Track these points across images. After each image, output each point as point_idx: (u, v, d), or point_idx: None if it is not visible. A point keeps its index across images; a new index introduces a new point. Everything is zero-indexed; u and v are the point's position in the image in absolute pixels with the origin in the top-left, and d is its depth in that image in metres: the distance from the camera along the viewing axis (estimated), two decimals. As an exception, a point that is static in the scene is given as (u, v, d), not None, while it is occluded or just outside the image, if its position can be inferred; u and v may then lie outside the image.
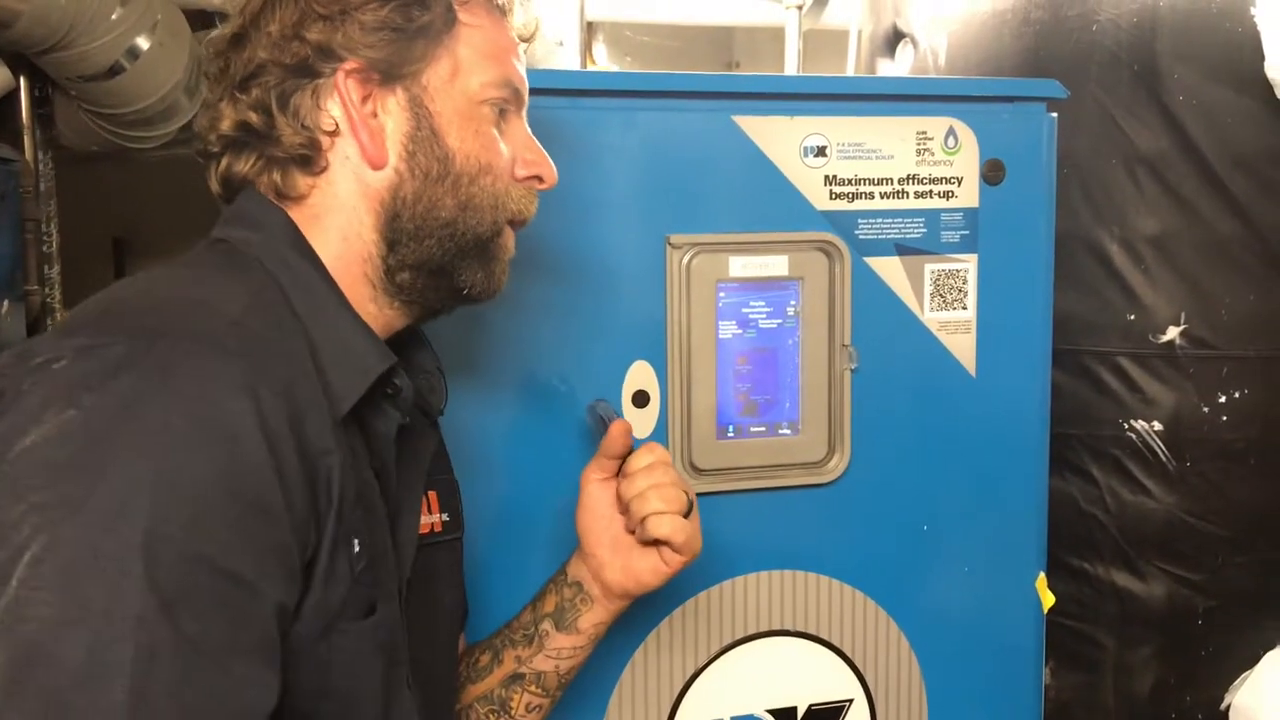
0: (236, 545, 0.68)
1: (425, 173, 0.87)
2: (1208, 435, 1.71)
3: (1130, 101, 1.69)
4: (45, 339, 0.74)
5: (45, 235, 2.44)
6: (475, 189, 0.89)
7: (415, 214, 0.88)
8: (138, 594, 0.63)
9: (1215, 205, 1.69)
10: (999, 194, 1.32)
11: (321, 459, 0.77)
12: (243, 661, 0.67)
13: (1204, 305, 1.70)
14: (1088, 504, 1.77)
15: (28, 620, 0.61)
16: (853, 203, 1.29)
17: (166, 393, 0.69)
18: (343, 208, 0.87)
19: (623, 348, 1.25)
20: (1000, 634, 1.38)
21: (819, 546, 1.32)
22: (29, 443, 0.66)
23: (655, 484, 1.04)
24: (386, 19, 0.85)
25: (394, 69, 0.86)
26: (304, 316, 0.83)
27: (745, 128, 1.26)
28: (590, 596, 1.08)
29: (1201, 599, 1.74)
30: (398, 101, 0.87)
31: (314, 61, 0.85)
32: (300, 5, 0.85)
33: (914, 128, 1.30)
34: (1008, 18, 1.82)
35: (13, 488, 0.65)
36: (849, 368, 1.29)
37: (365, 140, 0.86)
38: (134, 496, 0.65)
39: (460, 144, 0.88)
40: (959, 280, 1.32)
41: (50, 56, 2.10)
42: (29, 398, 0.68)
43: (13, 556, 0.63)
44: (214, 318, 0.77)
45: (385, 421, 0.87)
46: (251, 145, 0.87)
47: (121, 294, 0.82)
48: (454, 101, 0.88)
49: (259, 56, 0.86)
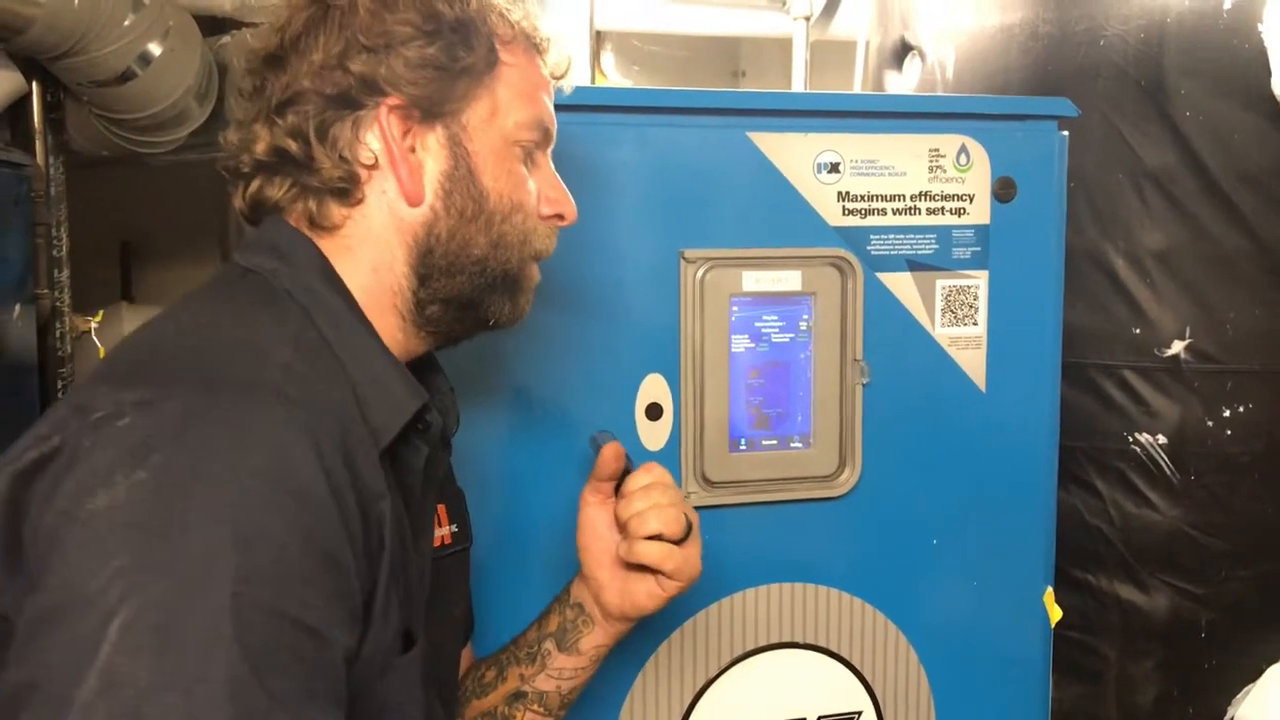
0: (311, 598, 0.69)
1: (460, 211, 0.88)
2: (1212, 449, 1.72)
3: (1137, 116, 1.70)
4: (98, 390, 0.73)
5: (55, 239, 2.44)
6: (507, 227, 0.90)
7: (449, 251, 0.88)
8: (229, 656, 0.63)
9: (1221, 220, 1.70)
10: (1010, 211, 1.34)
11: (375, 503, 0.77)
12: (318, 710, 0.68)
13: (1209, 319, 1.71)
14: (1092, 516, 1.78)
15: (124, 685, 0.61)
16: (865, 219, 1.30)
17: (232, 449, 0.69)
18: (376, 241, 0.87)
19: (636, 361, 1.26)
20: (1008, 647, 1.39)
21: (829, 559, 1.33)
22: (102, 504, 0.66)
23: (654, 505, 1.02)
24: (431, 57, 0.85)
25: (435, 107, 0.86)
26: (340, 354, 0.83)
27: (760, 144, 1.27)
28: (591, 619, 1.08)
29: (1205, 612, 1.75)
30: (437, 139, 0.87)
31: (356, 93, 0.85)
32: (345, 35, 0.85)
33: (926, 145, 1.31)
34: (1015, 32, 1.83)
35: (93, 551, 0.65)
36: (860, 382, 1.30)
37: (404, 176, 0.86)
38: (217, 558, 0.65)
39: (494, 183, 0.89)
40: (970, 296, 1.34)
41: (63, 62, 2.11)
42: (95, 457, 0.68)
43: (104, 621, 0.63)
44: (266, 364, 0.77)
45: (414, 454, 0.88)
46: (286, 171, 0.87)
47: (163, 334, 0.82)
48: (490, 141, 0.89)
49: (300, 84, 0.85)
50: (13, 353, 1.96)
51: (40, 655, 0.64)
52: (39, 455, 0.70)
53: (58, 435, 0.71)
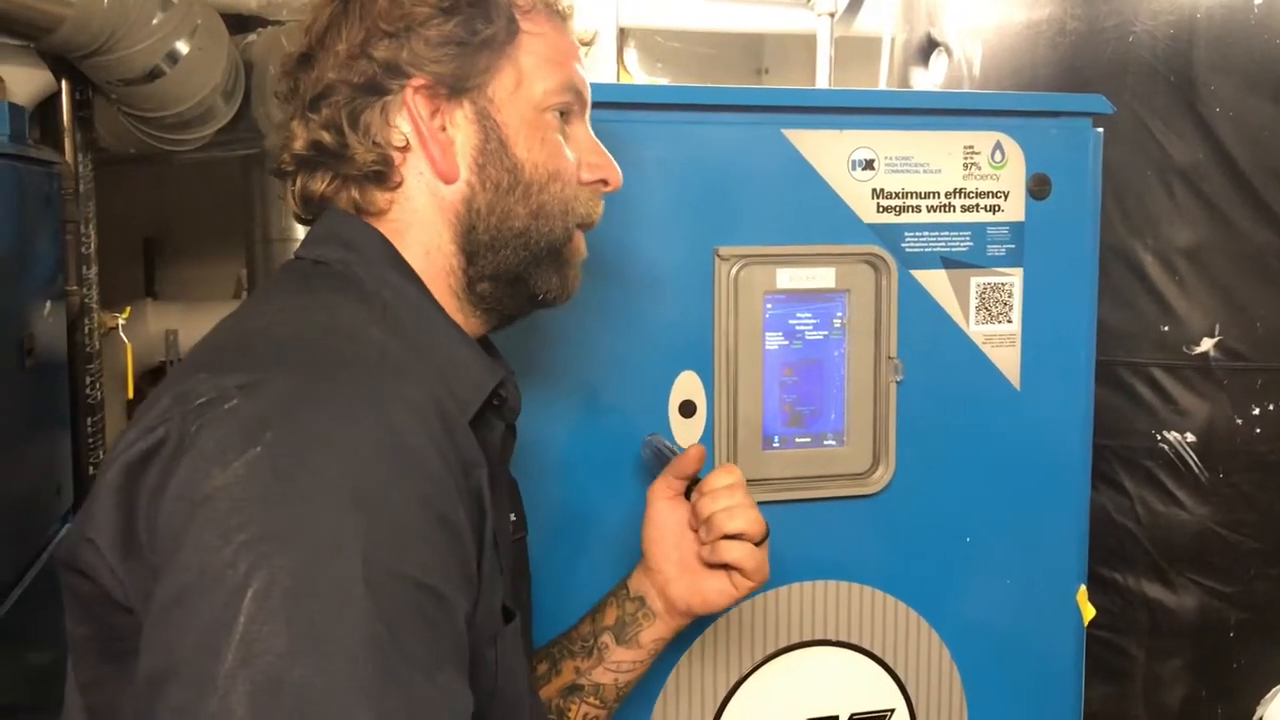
0: (433, 561, 0.69)
1: (496, 184, 0.89)
2: (1241, 447, 1.71)
3: (1166, 112, 1.70)
4: (198, 378, 0.73)
5: (84, 237, 2.46)
6: (546, 196, 0.90)
7: (490, 225, 0.89)
8: (364, 617, 0.63)
9: (1250, 217, 1.69)
10: (1045, 208, 1.33)
11: (474, 471, 0.79)
12: (446, 674, 0.68)
13: (1238, 317, 1.70)
14: (1119, 515, 1.77)
15: (263, 654, 0.61)
16: (900, 216, 1.30)
17: (343, 419, 0.70)
18: (421, 222, 0.89)
19: (670, 358, 1.26)
20: (1041, 646, 1.39)
21: (862, 557, 1.33)
22: (219, 484, 0.66)
23: (738, 504, 1.04)
24: (451, 34, 0.86)
25: (460, 82, 0.87)
26: (418, 334, 0.85)
27: (794, 141, 1.27)
28: (653, 612, 1.09)
29: (1233, 611, 1.74)
30: (465, 115, 0.88)
31: (382, 79, 0.86)
32: (366, 24, 0.87)
33: (961, 142, 1.31)
34: (1043, 28, 1.82)
35: (216, 529, 0.65)
36: (894, 380, 1.30)
37: (436, 155, 0.87)
38: (341, 523, 0.66)
39: (528, 153, 0.89)
40: (1004, 294, 1.33)
41: (92, 61, 2.13)
42: (205, 440, 0.69)
43: (235, 594, 0.63)
44: (361, 343, 0.79)
45: (492, 432, 0.89)
46: (325, 164, 0.89)
47: (252, 325, 0.83)
48: (520, 111, 0.89)
49: (327, 76, 0.87)
50: (44, 349, 1.98)
51: (175, 638, 0.64)
52: (147, 446, 0.71)
53: (163, 425, 0.71)
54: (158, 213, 3.64)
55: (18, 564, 1.88)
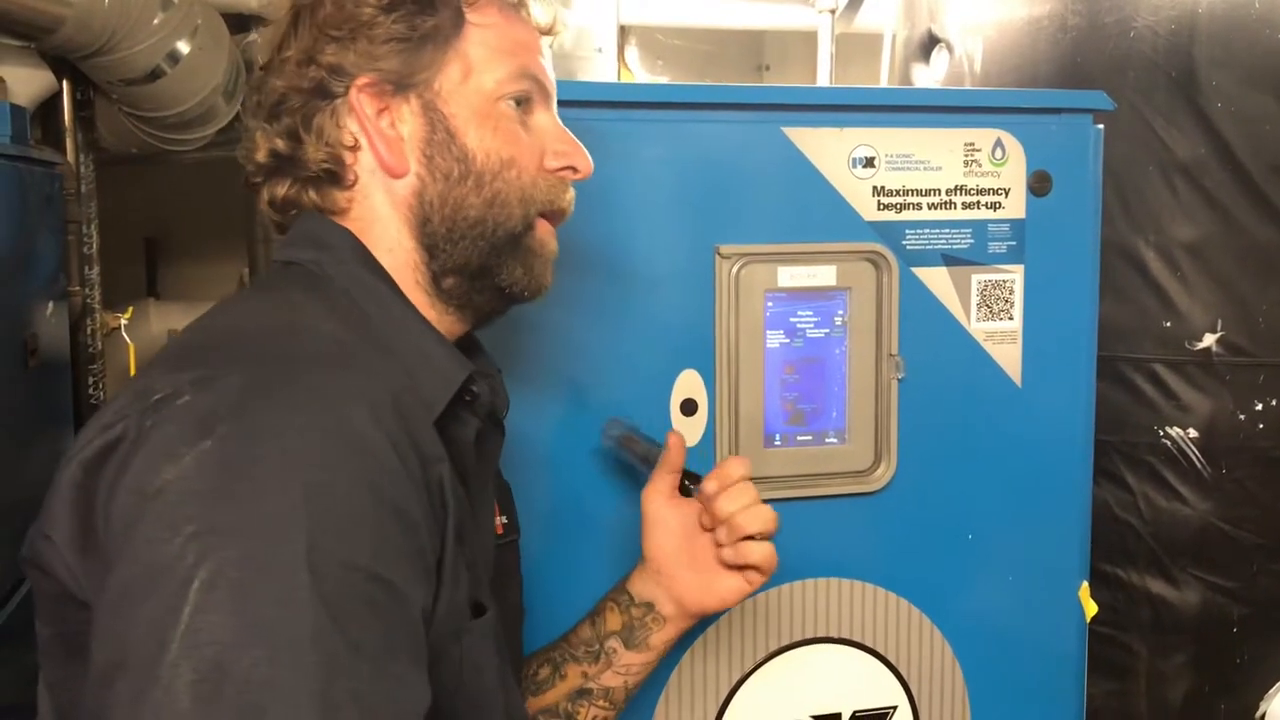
0: (385, 552, 0.70)
1: (446, 174, 0.89)
2: (1243, 443, 1.71)
3: (1167, 108, 1.70)
4: (155, 375, 0.75)
5: (86, 237, 2.46)
6: (500, 184, 0.90)
7: (444, 216, 0.89)
8: (309, 607, 0.64)
9: (1252, 212, 1.69)
10: (1046, 205, 1.33)
11: (434, 465, 0.79)
12: (400, 664, 0.68)
13: (1240, 312, 1.70)
14: (1122, 511, 1.77)
15: (208, 644, 0.62)
16: (900, 213, 1.30)
17: (295, 412, 0.70)
18: (379, 219, 0.90)
19: (671, 356, 1.27)
20: (1043, 642, 1.39)
21: (864, 555, 1.33)
22: (170, 477, 0.67)
23: (753, 502, 1.04)
24: (392, 31, 0.87)
25: (405, 78, 0.88)
26: (386, 330, 0.85)
27: (794, 139, 1.27)
28: (663, 616, 1.09)
29: (1236, 607, 1.74)
30: (411, 109, 0.89)
31: (329, 83, 0.88)
32: (313, 32, 0.88)
33: (962, 139, 1.31)
34: (1044, 24, 1.82)
35: (164, 521, 0.66)
36: (896, 377, 1.30)
37: (383, 150, 0.88)
38: (289, 514, 0.66)
39: (479, 142, 0.89)
40: (1005, 291, 1.33)
41: (93, 61, 2.13)
42: (158, 435, 0.69)
43: (182, 585, 0.63)
44: (316, 338, 0.80)
45: (464, 428, 0.89)
46: (284, 170, 0.90)
47: (214, 325, 0.84)
48: (469, 101, 0.89)
49: (280, 85, 0.89)
50: (46, 350, 1.98)
51: (124, 630, 0.64)
52: (104, 443, 0.72)
53: (120, 422, 0.72)
54: (159, 212, 3.64)
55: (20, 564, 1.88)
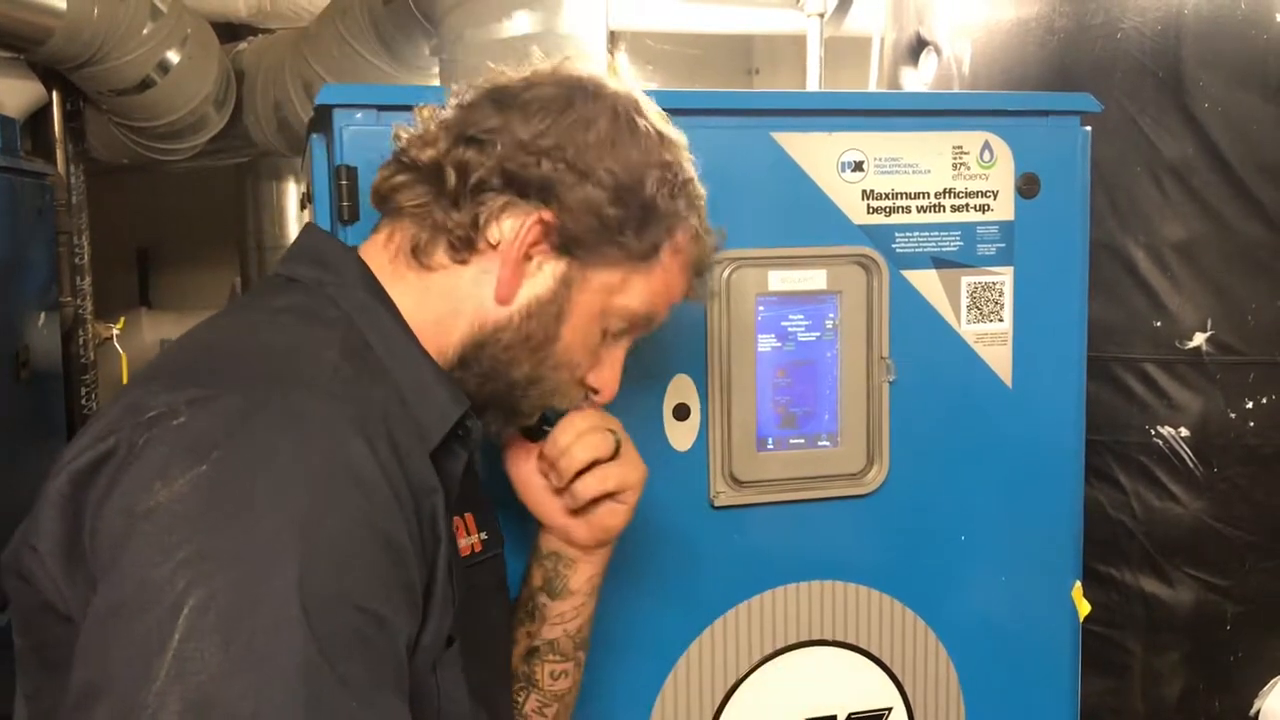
0: (374, 585, 0.70)
1: (529, 335, 0.90)
2: (1234, 441, 1.72)
3: (1155, 109, 1.71)
4: (149, 391, 0.74)
5: (77, 247, 2.46)
6: (549, 372, 0.93)
7: (494, 358, 0.91)
8: (299, 638, 0.64)
9: (1241, 211, 1.70)
10: (1034, 207, 1.34)
11: (428, 497, 0.79)
12: (384, 697, 0.68)
13: (1230, 311, 1.71)
14: (1115, 510, 1.78)
15: (195, 673, 0.62)
16: (890, 217, 1.30)
17: (290, 441, 0.70)
18: (452, 304, 0.90)
19: (663, 361, 1.27)
20: (1037, 642, 1.39)
21: (858, 557, 1.33)
22: (162, 499, 0.67)
23: (576, 434, 1.00)
24: (605, 216, 0.88)
25: (574, 248, 0.89)
26: (385, 359, 0.85)
27: (784, 143, 1.27)
28: (570, 559, 1.08)
29: (1229, 605, 1.75)
30: (554, 270, 0.90)
31: (530, 185, 0.87)
32: (560, 137, 0.87)
33: (950, 142, 1.31)
34: (1032, 26, 1.83)
35: (156, 544, 0.66)
36: (887, 380, 1.31)
37: (507, 275, 0.89)
38: (282, 544, 0.66)
39: (572, 335, 0.91)
40: (995, 293, 1.34)
41: (83, 71, 2.13)
42: (151, 454, 0.69)
43: (171, 611, 0.63)
44: (315, 364, 0.79)
45: (454, 461, 0.89)
46: (431, 187, 0.89)
47: (209, 340, 0.84)
48: (595, 303, 0.91)
49: (498, 138, 0.87)
50: (39, 361, 1.98)
51: (109, 651, 0.64)
52: (95, 456, 0.71)
53: (112, 436, 0.72)
54: (151, 222, 3.64)
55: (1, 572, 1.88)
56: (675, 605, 1.28)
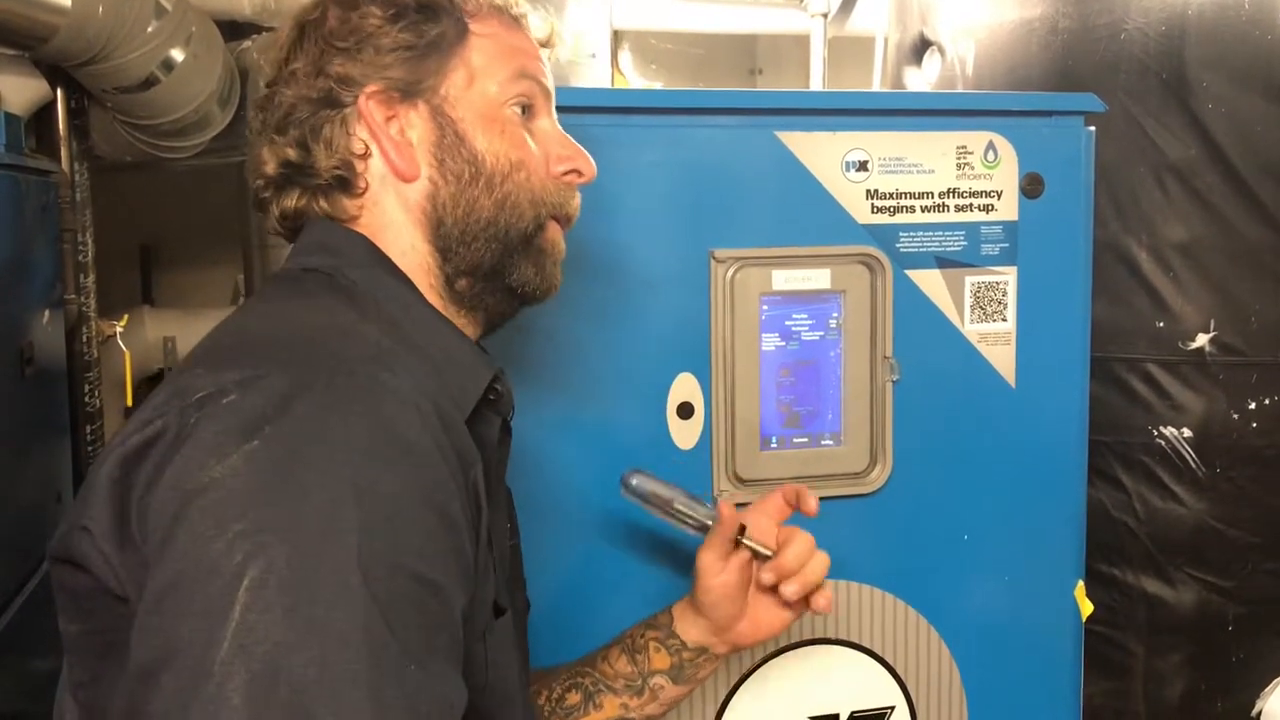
0: (430, 552, 0.70)
1: (457, 177, 0.90)
2: (1237, 442, 1.72)
3: (1159, 109, 1.71)
4: (194, 375, 0.75)
5: (81, 245, 2.47)
6: (510, 185, 0.91)
7: (457, 218, 0.90)
8: (360, 606, 0.64)
9: (1244, 213, 1.70)
10: (1038, 207, 1.34)
11: (471, 467, 0.80)
12: (441, 664, 0.69)
13: (1233, 312, 1.71)
14: (1117, 511, 1.78)
15: (260, 643, 0.62)
16: (894, 216, 1.31)
17: (341, 414, 0.71)
18: (392, 223, 0.91)
19: (667, 360, 1.27)
20: (1040, 642, 1.39)
21: (861, 556, 1.33)
22: (216, 475, 0.67)
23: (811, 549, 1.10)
24: (399, 39, 0.89)
25: (412, 85, 0.89)
26: (413, 332, 0.86)
27: (788, 143, 1.28)
28: (713, 656, 1.13)
29: (1232, 605, 1.75)
30: (419, 115, 0.90)
31: (338, 92, 0.89)
32: (320, 44, 0.90)
33: (954, 142, 1.31)
34: (1035, 26, 1.83)
35: (212, 519, 0.66)
36: (891, 379, 1.31)
37: (394, 155, 0.89)
38: (339, 513, 0.66)
39: (488, 145, 0.91)
40: (999, 293, 1.34)
41: (87, 69, 2.13)
42: (203, 432, 0.69)
43: (231, 583, 0.63)
44: (358, 341, 0.80)
45: (489, 427, 0.90)
46: (294, 180, 0.91)
47: (248, 325, 0.85)
48: (475, 106, 0.91)
49: (288, 97, 0.90)
50: (42, 358, 1.98)
51: (170, 625, 0.64)
52: (142, 439, 0.72)
53: (160, 419, 0.72)
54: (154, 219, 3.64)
55: (18, 573, 1.88)
56: (679, 603, 1.29)
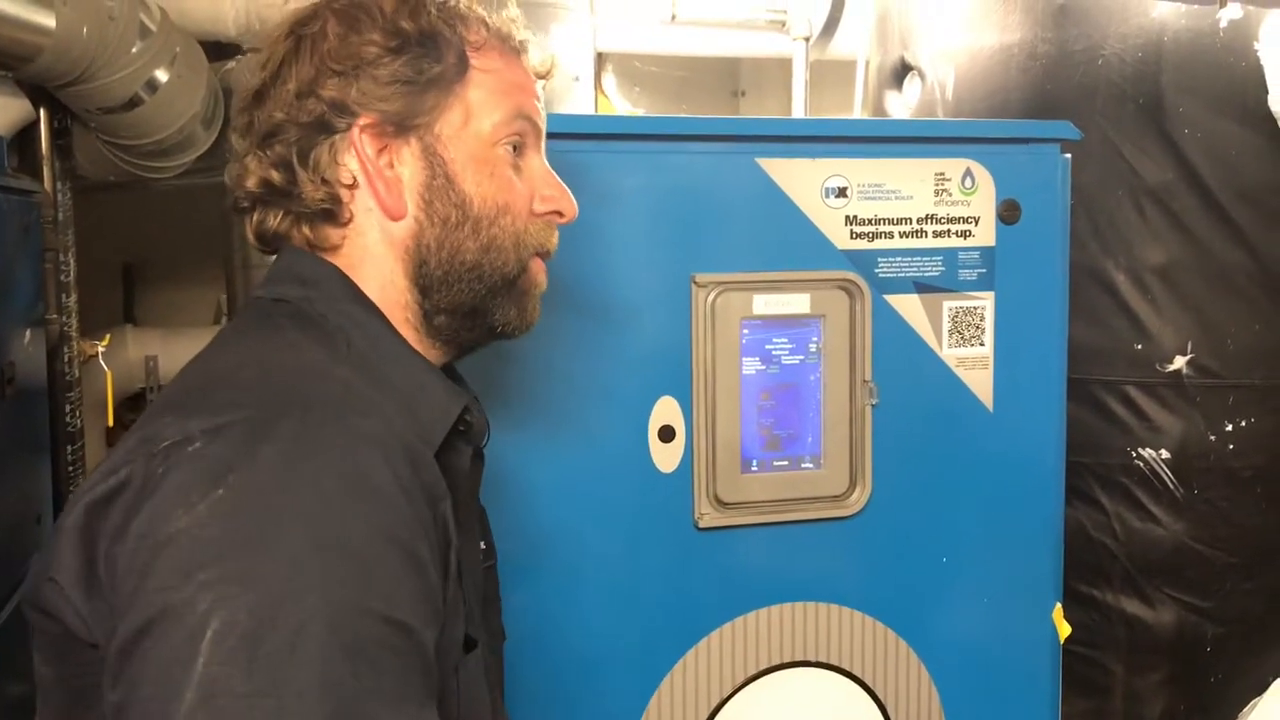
0: (399, 595, 0.70)
1: (444, 220, 0.89)
2: (1215, 463, 1.74)
3: (1135, 134, 1.73)
4: (162, 423, 0.74)
5: (64, 265, 2.45)
6: (496, 230, 0.90)
7: (440, 260, 0.89)
8: (324, 657, 0.64)
9: (1220, 236, 1.72)
10: (1015, 233, 1.36)
11: (440, 503, 0.79)
12: (414, 705, 0.69)
13: (1210, 335, 1.73)
14: (1096, 532, 1.79)
15: (221, 694, 0.62)
16: (873, 242, 1.32)
17: (307, 459, 0.71)
18: (373, 257, 0.89)
19: (649, 384, 1.28)
20: (1018, 663, 1.40)
21: (841, 578, 1.34)
22: (182, 525, 0.67)
23: None
24: (398, 73, 0.87)
25: (407, 120, 0.88)
26: (382, 366, 0.85)
27: (768, 169, 1.29)
28: None
29: (1210, 625, 1.76)
30: (412, 152, 0.88)
31: (330, 118, 0.87)
32: (315, 63, 0.87)
33: (932, 169, 1.33)
34: (1014, 52, 1.85)
35: (177, 569, 0.66)
36: (870, 403, 1.32)
37: (383, 192, 0.88)
38: (303, 562, 0.66)
39: (477, 188, 0.89)
40: (976, 317, 1.35)
41: (71, 89, 2.12)
42: (169, 482, 0.69)
43: (195, 633, 0.63)
44: (325, 381, 0.79)
45: (459, 457, 0.89)
46: (277, 201, 0.89)
47: (218, 366, 0.84)
48: (468, 147, 0.90)
49: (277, 115, 0.88)
50: (23, 378, 1.97)
51: (135, 675, 0.65)
52: (109, 488, 0.72)
53: (126, 467, 0.72)
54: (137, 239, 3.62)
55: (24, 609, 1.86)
56: (660, 626, 1.29)
